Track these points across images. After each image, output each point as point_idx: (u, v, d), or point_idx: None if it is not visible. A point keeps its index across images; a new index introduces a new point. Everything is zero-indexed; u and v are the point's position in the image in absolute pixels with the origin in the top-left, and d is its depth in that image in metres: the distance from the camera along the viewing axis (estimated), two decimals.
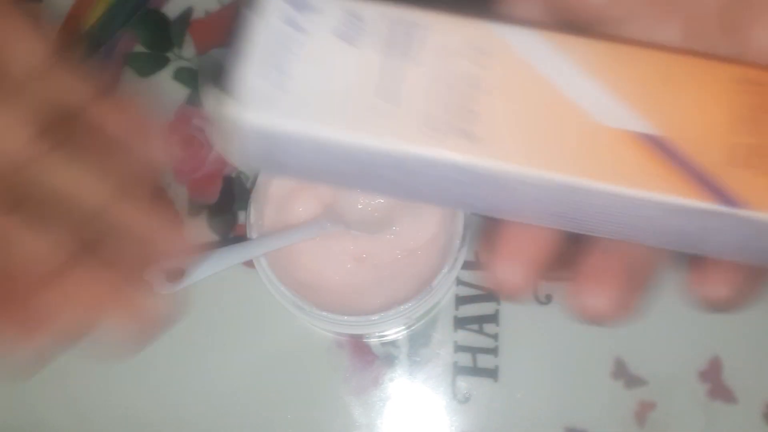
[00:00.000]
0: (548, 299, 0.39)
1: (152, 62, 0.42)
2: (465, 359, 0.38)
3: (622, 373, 0.38)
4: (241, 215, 0.40)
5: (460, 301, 0.39)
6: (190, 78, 0.42)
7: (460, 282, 0.39)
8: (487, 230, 0.23)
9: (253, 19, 0.20)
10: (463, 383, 0.38)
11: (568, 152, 0.19)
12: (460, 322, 0.39)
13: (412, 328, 0.38)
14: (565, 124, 0.19)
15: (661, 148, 0.19)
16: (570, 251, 0.23)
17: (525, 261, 0.22)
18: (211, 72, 0.22)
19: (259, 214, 0.35)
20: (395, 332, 0.38)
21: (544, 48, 0.20)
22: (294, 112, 0.19)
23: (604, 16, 0.22)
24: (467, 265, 0.39)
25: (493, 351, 0.38)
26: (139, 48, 0.43)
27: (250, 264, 0.35)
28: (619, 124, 0.19)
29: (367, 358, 0.39)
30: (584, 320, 0.22)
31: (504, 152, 0.19)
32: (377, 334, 0.38)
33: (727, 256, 0.21)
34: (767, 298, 0.36)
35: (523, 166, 0.19)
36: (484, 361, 0.38)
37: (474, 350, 0.38)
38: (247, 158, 0.21)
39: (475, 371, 0.38)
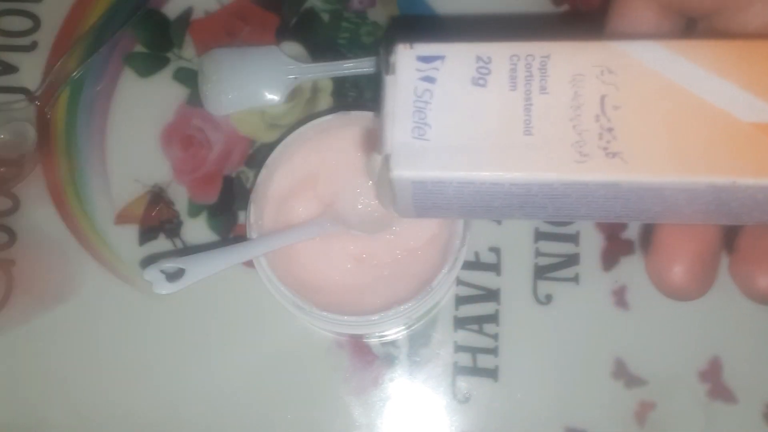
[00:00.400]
0: (548, 299, 0.39)
1: (152, 62, 0.42)
2: (465, 359, 0.38)
3: (622, 373, 0.38)
4: (241, 215, 0.40)
5: (460, 301, 0.39)
6: (190, 78, 0.42)
7: (460, 282, 0.39)
8: (645, 234, 0.23)
9: (388, 80, 0.21)
10: (463, 383, 0.38)
11: (715, 153, 0.19)
12: (460, 322, 0.39)
13: (412, 328, 0.38)
14: (706, 125, 0.19)
15: None
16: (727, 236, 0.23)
17: (692, 257, 0.22)
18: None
19: (259, 214, 0.34)
20: (395, 332, 0.38)
21: (668, 56, 0.20)
22: (440, 162, 0.20)
23: (721, 5, 0.22)
24: (467, 265, 0.39)
25: (493, 351, 0.38)
26: (139, 48, 0.43)
27: (250, 264, 0.35)
28: (760, 118, 0.19)
29: (367, 358, 0.39)
30: (758, 300, 0.22)
31: (650, 164, 0.19)
32: (377, 334, 0.38)
33: None
34: None
35: (672, 175, 0.19)
36: (484, 361, 0.38)
37: (474, 350, 0.38)
38: (402, 206, 0.22)
39: (475, 371, 0.38)
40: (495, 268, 0.39)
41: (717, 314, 0.37)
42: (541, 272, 0.39)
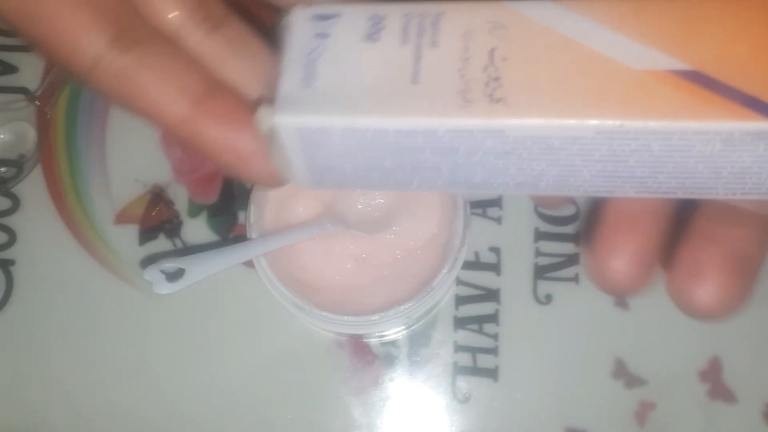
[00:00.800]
0: (548, 299, 0.39)
1: None
2: (465, 359, 0.38)
3: (622, 373, 0.38)
4: (241, 215, 0.40)
5: (460, 301, 0.39)
6: None
7: (460, 282, 0.39)
8: (587, 228, 0.22)
9: (283, 37, 0.21)
10: (463, 383, 0.38)
11: (603, 98, 0.19)
12: (460, 322, 0.39)
13: (412, 328, 0.38)
14: (595, 74, 0.19)
15: (700, 81, 0.19)
16: (669, 241, 0.22)
17: (631, 253, 0.22)
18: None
19: (259, 214, 0.35)
20: (395, 332, 0.38)
21: (561, 12, 0.20)
22: (326, 107, 0.20)
23: None
24: (467, 265, 0.39)
25: (493, 351, 0.38)
26: None
27: (250, 264, 0.35)
28: (653, 66, 0.19)
29: (367, 358, 0.39)
30: (690, 314, 0.22)
31: (534, 108, 0.19)
32: (377, 334, 0.38)
33: None
34: (767, 298, 0.36)
35: (556, 118, 0.19)
36: (484, 361, 0.38)
37: (474, 350, 0.38)
38: (295, 169, 0.22)
39: (475, 371, 0.38)
40: (495, 268, 0.39)
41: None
42: (541, 272, 0.39)
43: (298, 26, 0.21)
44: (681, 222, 0.23)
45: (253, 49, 0.23)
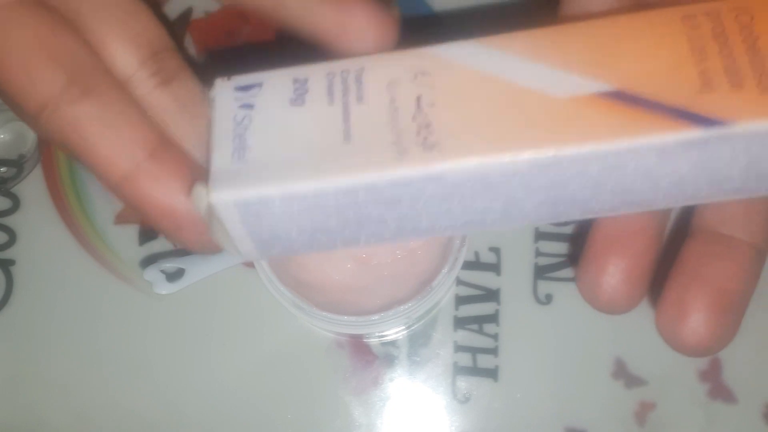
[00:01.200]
0: (548, 299, 0.39)
1: None
2: (465, 359, 0.38)
3: (622, 373, 0.38)
4: None
5: (460, 301, 0.39)
6: None
7: (460, 282, 0.39)
8: (578, 247, 0.22)
9: (210, 114, 0.21)
10: (463, 383, 0.38)
11: (534, 129, 0.19)
12: (460, 322, 0.39)
13: (412, 328, 0.38)
14: (523, 107, 0.19)
15: (625, 99, 0.19)
16: (657, 272, 0.22)
17: (623, 271, 0.22)
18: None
19: None
20: (395, 332, 0.38)
21: (481, 51, 0.20)
22: (261, 178, 0.20)
23: None
24: (467, 265, 0.39)
25: (493, 351, 0.38)
26: None
27: (250, 264, 0.36)
28: (577, 91, 0.19)
29: (367, 358, 0.39)
30: (678, 351, 0.22)
31: (467, 148, 0.19)
32: (377, 334, 0.38)
33: (733, 194, 0.21)
34: (767, 298, 0.36)
35: (490, 155, 0.19)
36: (484, 361, 0.38)
37: (474, 350, 0.38)
38: (239, 243, 0.21)
39: (475, 371, 0.38)
40: (495, 268, 0.39)
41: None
42: (541, 272, 0.39)
43: (222, 99, 0.21)
44: (669, 253, 0.23)
45: (202, 109, 0.23)
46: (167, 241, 0.40)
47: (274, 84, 0.21)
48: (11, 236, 0.40)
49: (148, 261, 0.38)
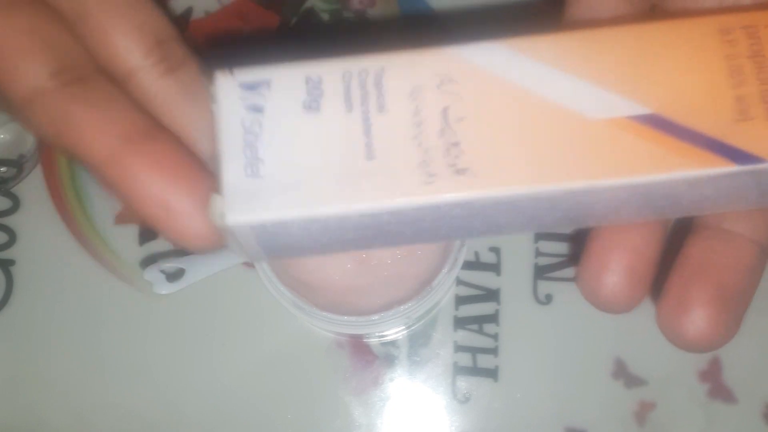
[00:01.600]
0: (548, 299, 0.39)
1: None
2: (465, 359, 0.38)
3: (622, 373, 0.38)
4: None
5: (460, 301, 0.39)
6: None
7: (460, 282, 0.39)
8: (579, 246, 0.22)
9: (215, 113, 0.19)
10: (463, 383, 0.38)
11: (567, 157, 0.19)
12: (460, 322, 0.39)
13: (412, 328, 0.38)
14: (556, 129, 0.19)
15: (661, 125, 0.19)
16: (659, 268, 0.22)
17: (624, 269, 0.21)
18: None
19: None
20: (395, 332, 0.38)
21: (509, 56, 0.19)
22: (281, 202, 0.18)
23: None
24: (467, 265, 0.39)
25: (493, 351, 0.38)
26: None
27: (250, 264, 0.36)
28: (612, 113, 0.19)
29: (367, 358, 0.39)
30: (679, 347, 0.22)
31: (500, 177, 0.18)
32: (377, 334, 0.38)
33: (744, 207, 0.21)
34: (767, 298, 0.36)
35: (524, 186, 0.18)
36: (484, 361, 0.38)
37: (474, 350, 0.38)
38: (249, 251, 0.20)
39: (475, 371, 0.38)
40: (495, 268, 0.39)
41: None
42: (541, 272, 0.39)
43: (227, 99, 0.19)
44: (671, 250, 0.22)
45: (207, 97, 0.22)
46: (167, 241, 0.40)
47: (285, 83, 0.19)
48: (11, 236, 0.40)
49: (148, 261, 0.38)
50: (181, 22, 0.43)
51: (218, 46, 0.42)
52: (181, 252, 0.39)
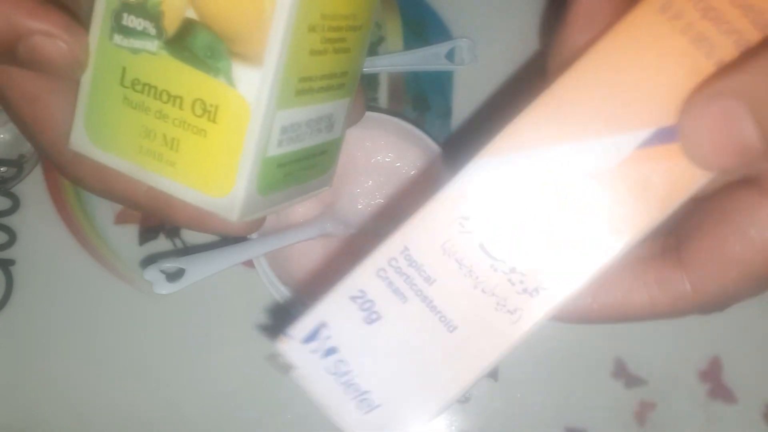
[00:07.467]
0: None
1: None
2: None
3: (622, 373, 0.38)
4: None
5: None
6: None
7: None
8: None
9: (298, 379, 0.20)
10: None
11: (606, 228, 0.18)
12: None
13: None
14: (577, 205, 0.18)
15: (666, 136, 0.18)
16: None
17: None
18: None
19: None
20: None
21: (505, 160, 0.19)
22: (406, 421, 0.19)
23: None
24: None
25: None
26: None
27: (250, 264, 0.35)
28: (619, 155, 0.18)
29: None
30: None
31: (567, 280, 0.18)
32: None
33: None
34: (767, 298, 0.36)
35: (585, 276, 0.19)
36: None
37: None
38: None
39: None
40: None
41: (717, 314, 0.37)
42: None
43: (301, 360, 0.20)
44: None
45: None
46: (167, 241, 0.40)
47: (337, 315, 0.19)
48: (11, 236, 0.40)
49: (148, 261, 0.38)
50: None
51: None
52: (181, 252, 0.39)
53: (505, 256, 0.18)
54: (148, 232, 0.40)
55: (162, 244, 0.40)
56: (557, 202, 0.18)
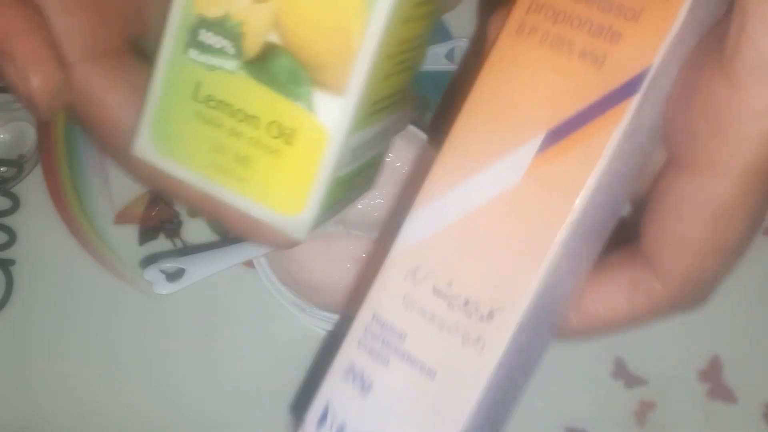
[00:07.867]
0: None
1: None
2: None
3: (622, 373, 0.38)
4: None
5: None
6: None
7: None
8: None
9: None
10: None
11: (536, 221, 0.20)
12: None
13: None
14: (504, 218, 0.20)
15: (561, 132, 0.19)
16: None
17: None
18: None
19: None
20: None
21: (429, 209, 0.20)
22: None
23: None
24: None
25: None
26: None
27: (250, 264, 0.35)
28: (521, 168, 0.20)
29: None
30: None
31: (515, 302, 0.19)
32: None
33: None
34: (767, 298, 0.36)
35: (534, 286, 0.19)
36: None
37: None
38: None
39: None
40: None
41: (717, 314, 0.37)
42: None
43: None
44: None
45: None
46: (167, 241, 0.40)
47: (337, 393, 0.21)
48: (11, 236, 0.40)
49: (148, 261, 0.38)
50: None
51: None
52: (181, 252, 0.39)
53: (456, 291, 0.20)
54: (148, 232, 0.40)
55: (162, 244, 0.40)
56: (485, 227, 0.20)
